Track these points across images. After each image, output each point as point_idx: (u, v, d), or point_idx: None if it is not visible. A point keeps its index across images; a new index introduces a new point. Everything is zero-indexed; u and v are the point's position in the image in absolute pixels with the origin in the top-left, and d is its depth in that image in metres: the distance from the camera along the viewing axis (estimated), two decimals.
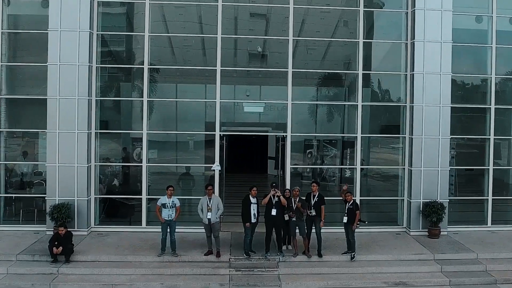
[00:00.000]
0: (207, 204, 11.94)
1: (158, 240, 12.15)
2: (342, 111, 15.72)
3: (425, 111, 14.01)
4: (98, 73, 14.00)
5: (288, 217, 12.01)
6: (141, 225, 14.08)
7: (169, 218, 11.92)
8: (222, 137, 14.45)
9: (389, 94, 15.67)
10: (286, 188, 13.12)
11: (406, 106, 14.50)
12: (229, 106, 15.12)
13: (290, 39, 14.33)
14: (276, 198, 11.97)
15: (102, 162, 14.41)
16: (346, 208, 12.10)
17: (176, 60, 15.51)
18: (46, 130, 13.36)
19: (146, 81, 14.06)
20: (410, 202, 14.15)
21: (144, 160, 14.13)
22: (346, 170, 15.41)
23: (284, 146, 14.73)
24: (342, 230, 12.35)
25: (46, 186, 13.51)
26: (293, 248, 12.30)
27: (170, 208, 11.96)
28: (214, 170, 14.13)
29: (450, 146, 14.32)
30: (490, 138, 14.88)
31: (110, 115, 14.92)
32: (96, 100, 13.90)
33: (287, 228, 12.26)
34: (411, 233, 14.05)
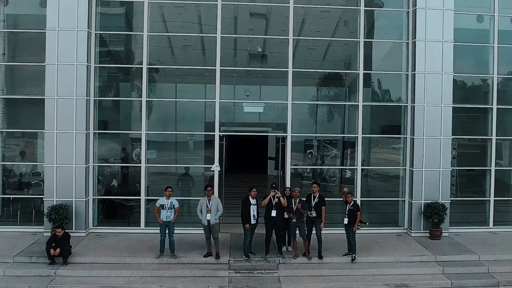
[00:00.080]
0: (207, 205, 11.85)
1: (156, 241, 12.05)
2: (342, 111, 15.64)
3: (426, 111, 13.92)
4: (96, 73, 13.91)
5: (287, 215, 11.90)
6: (139, 226, 13.97)
7: (167, 220, 11.82)
8: (221, 137, 14.36)
9: (390, 94, 15.57)
10: (287, 187, 13.01)
11: (407, 106, 14.41)
12: (228, 106, 15.05)
13: (290, 39, 14.24)
14: (276, 199, 11.87)
15: (101, 163, 14.32)
16: (347, 209, 11.99)
17: (175, 60, 15.42)
18: (44, 131, 13.27)
19: (145, 81, 13.98)
20: (411, 203, 14.05)
21: (143, 160, 14.04)
22: (347, 170, 15.33)
23: (284, 146, 14.64)
24: (343, 232, 12.25)
25: (44, 187, 13.43)
26: (293, 249, 12.19)
27: (168, 209, 11.85)
28: (213, 170, 14.04)
29: (451, 147, 14.21)
30: (492, 138, 14.79)
31: (109, 115, 14.83)
32: (94, 100, 13.81)
33: (287, 228, 12.16)
34: (412, 234, 13.95)
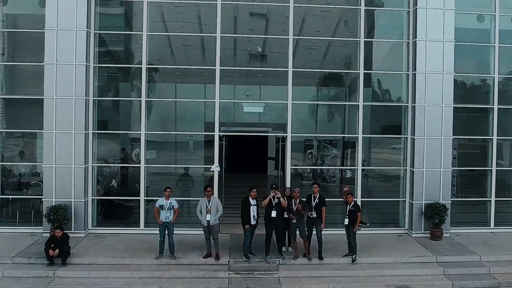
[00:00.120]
0: (206, 205, 11.79)
1: (156, 242, 11.99)
2: (342, 111, 15.58)
3: (427, 111, 13.86)
4: (96, 73, 13.87)
5: (286, 216, 11.84)
6: (139, 227, 13.91)
7: (166, 220, 11.76)
8: (221, 137, 14.31)
9: (390, 94, 15.51)
10: (286, 187, 12.96)
11: (408, 106, 14.35)
12: (228, 106, 14.99)
13: (290, 39, 14.18)
14: (276, 200, 11.82)
15: (100, 163, 14.26)
16: (347, 210, 11.93)
17: (175, 59, 15.36)
18: (43, 131, 13.21)
19: (144, 81, 13.92)
20: (412, 203, 13.99)
21: (142, 160, 13.98)
22: (347, 170, 15.28)
23: (284, 146, 14.58)
24: (343, 232, 12.19)
25: (43, 187, 13.38)
26: (293, 250, 12.13)
27: (167, 210, 11.79)
28: (213, 171, 13.98)
29: (452, 147, 14.16)
30: (493, 138, 14.73)
31: (109, 115, 14.78)
32: (93, 100, 13.75)
33: (288, 229, 12.10)
34: (413, 235, 13.89)
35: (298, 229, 11.97)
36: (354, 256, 11.91)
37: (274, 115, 15.49)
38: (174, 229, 11.97)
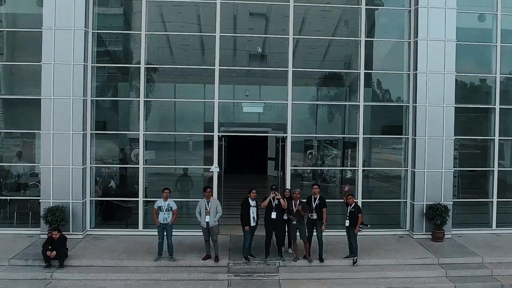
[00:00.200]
0: (205, 207, 11.69)
1: (155, 243, 11.89)
2: (343, 111, 15.48)
3: (428, 111, 13.76)
4: (94, 72, 13.74)
5: (286, 217, 11.74)
6: (137, 228, 13.81)
7: (164, 222, 11.65)
8: (221, 137, 14.20)
9: (391, 94, 15.41)
10: (286, 188, 12.86)
11: (408, 106, 14.25)
12: (228, 106, 14.89)
13: (290, 38, 14.07)
14: (276, 201, 11.72)
15: (98, 164, 14.15)
16: (348, 211, 11.82)
17: (174, 59, 15.27)
18: (40, 131, 13.10)
19: (143, 81, 13.80)
20: (413, 204, 13.89)
21: (141, 161, 13.86)
22: (347, 171, 15.17)
23: (284, 146, 14.49)
24: (344, 234, 12.09)
25: (40, 188, 13.27)
26: (293, 252, 12.02)
27: (165, 211, 11.68)
28: (212, 171, 13.87)
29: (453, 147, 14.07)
30: (494, 139, 14.62)
31: (107, 116, 14.66)
32: (91, 100, 13.63)
33: (288, 230, 11.98)
34: (414, 236, 13.78)
35: (298, 230, 11.87)
36: (355, 257, 11.80)
37: (274, 115, 15.39)
38: (173, 230, 11.86)
